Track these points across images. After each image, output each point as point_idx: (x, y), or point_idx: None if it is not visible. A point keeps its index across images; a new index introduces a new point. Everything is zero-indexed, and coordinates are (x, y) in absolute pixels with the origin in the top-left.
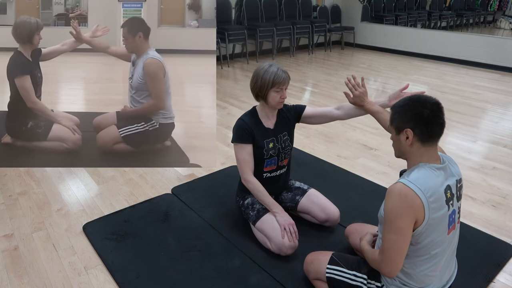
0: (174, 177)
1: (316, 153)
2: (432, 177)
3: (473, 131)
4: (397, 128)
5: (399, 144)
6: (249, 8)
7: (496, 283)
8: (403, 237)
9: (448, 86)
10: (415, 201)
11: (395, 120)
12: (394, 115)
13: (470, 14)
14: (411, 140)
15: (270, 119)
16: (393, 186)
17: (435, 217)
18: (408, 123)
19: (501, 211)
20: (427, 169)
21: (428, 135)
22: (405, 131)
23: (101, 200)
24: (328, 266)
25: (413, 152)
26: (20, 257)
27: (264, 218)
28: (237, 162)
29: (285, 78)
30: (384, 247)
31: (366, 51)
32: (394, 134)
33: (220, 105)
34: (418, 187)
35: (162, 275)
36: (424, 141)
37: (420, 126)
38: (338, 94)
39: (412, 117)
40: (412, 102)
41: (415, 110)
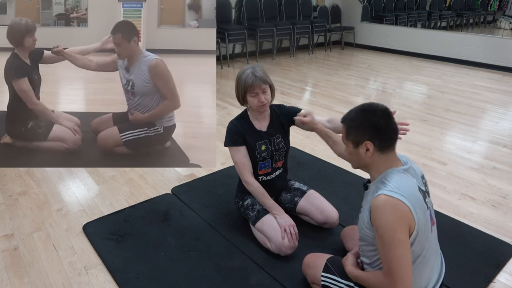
0: (174, 177)
1: (316, 153)
2: (406, 181)
3: (473, 131)
4: (354, 142)
5: (358, 157)
6: (249, 8)
7: (496, 283)
8: (407, 249)
9: (448, 86)
10: (404, 209)
11: (350, 135)
12: (349, 129)
13: (470, 14)
14: (372, 152)
15: (261, 122)
16: (377, 200)
17: (421, 220)
18: (365, 135)
19: (501, 211)
20: (397, 174)
21: (387, 143)
22: (364, 143)
23: (101, 200)
24: (323, 274)
25: (374, 162)
26: (20, 257)
27: (264, 219)
28: (235, 166)
29: (254, 82)
30: (392, 266)
31: (366, 51)
32: (351, 148)
33: (220, 105)
34: (401, 194)
35: (162, 275)
36: (383, 150)
37: (378, 136)
38: (338, 94)
39: (368, 129)
40: (363, 113)
41: (369, 121)
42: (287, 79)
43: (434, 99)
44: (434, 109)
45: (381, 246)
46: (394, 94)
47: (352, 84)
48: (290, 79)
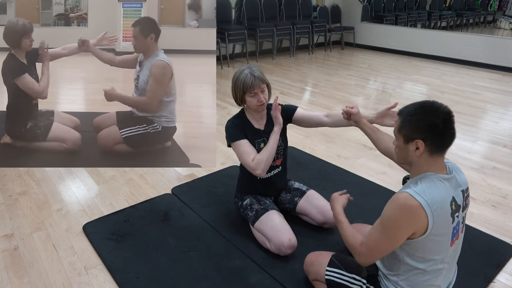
0: (174, 177)
1: (316, 153)
2: (439, 189)
3: (473, 131)
4: (406, 137)
5: (405, 153)
6: (249, 8)
7: (496, 283)
8: (393, 244)
9: (448, 86)
10: (418, 213)
11: (404, 129)
12: (404, 123)
13: (470, 14)
14: (421, 151)
15: (259, 121)
16: (399, 194)
17: (438, 229)
18: (420, 134)
19: (501, 211)
20: (434, 180)
21: (439, 147)
22: (415, 141)
23: (101, 200)
24: (328, 268)
25: (420, 162)
26: (20, 257)
27: (263, 218)
28: (240, 160)
29: (254, 82)
30: (370, 243)
31: (366, 51)
32: (401, 142)
33: (220, 105)
34: (424, 198)
35: (162, 275)
36: (433, 152)
37: (432, 138)
38: (338, 94)
39: (425, 128)
40: (425, 111)
41: (428, 121)
42: (287, 79)
43: (434, 99)
44: None
45: (377, 225)
46: (394, 94)
47: (352, 84)
48: (290, 79)
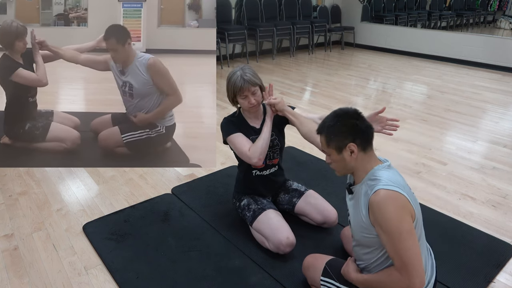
0: (174, 177)
1: (316, 153)
2: (395, 175)
3: (473, 131)
4: (337, 147)
5: (343, 163)
6: (249, 8)
7: (496, 283)
8: (415, 239)
9: (448, 86)
10: (404, 200)
11: (332, 141)
12: (329, 137)
13: (470, 14)
14: (356, 153)
15: (254, 120)
16: (377, 196)
17: (417, 208)
18: (348, 138)
19: (501, 211)
20: (384, 169)
21: (367, 141)
22: (347, 146)
23: (101, 200)
24: (322, 278)
25: (360, 163)
26: (20, 257)
27: (260, 217)
28: (237, 152)
29: (243, 85)
30: (405, 259)
31: (366, 51)
32: (335, 155)
33: (220, 105)
34: (397, 186)
35: (162, 275)
36: (365, 148)
37: (359, 136)
38: (338, 94)
39: (349, 131)
40: (340, 118)
41: (348, 123)
42: (287, 79)
43: (434, 99)
44: (434, 109)
45: (389, 240)
46: (394, 94)
47: (352, 84)
48: (290, 79)
